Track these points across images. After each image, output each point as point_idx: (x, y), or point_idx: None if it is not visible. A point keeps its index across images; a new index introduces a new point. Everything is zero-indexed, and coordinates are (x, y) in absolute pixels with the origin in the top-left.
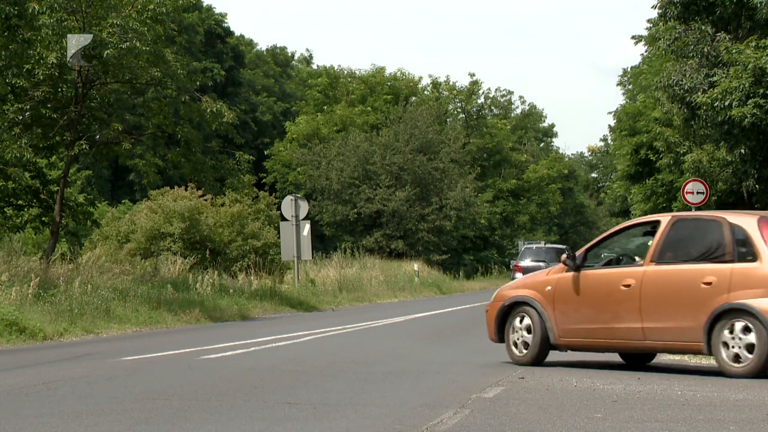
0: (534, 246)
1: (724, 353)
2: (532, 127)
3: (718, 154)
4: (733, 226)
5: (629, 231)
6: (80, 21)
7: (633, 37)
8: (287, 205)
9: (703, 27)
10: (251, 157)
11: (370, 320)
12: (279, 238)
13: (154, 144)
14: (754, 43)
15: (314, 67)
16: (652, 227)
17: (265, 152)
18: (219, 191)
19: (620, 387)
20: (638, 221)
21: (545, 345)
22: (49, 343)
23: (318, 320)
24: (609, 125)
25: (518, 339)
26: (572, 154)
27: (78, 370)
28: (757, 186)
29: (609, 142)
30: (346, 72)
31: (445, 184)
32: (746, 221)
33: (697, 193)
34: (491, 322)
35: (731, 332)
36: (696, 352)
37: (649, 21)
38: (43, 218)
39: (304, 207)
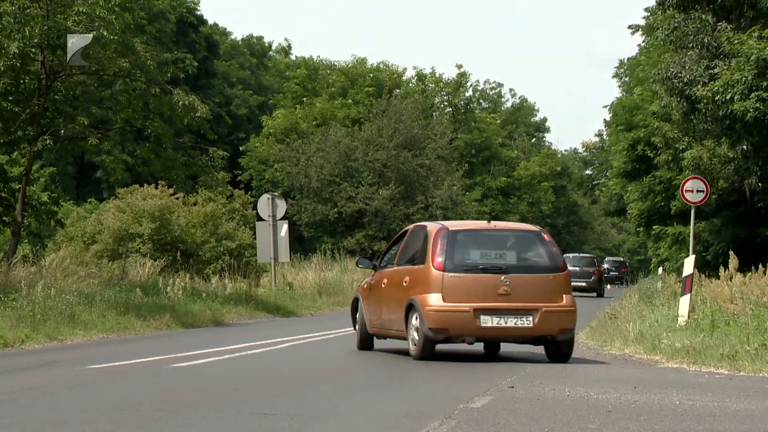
0: (569, 255)
1: (411, 341)
2: (523, 122)
3: (719, 151)
4: (427, 233)
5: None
6: (44, 8)
7: (630, 27)
8: (264, 204)
9: (703, 16)
10: (225, 153)
11: (351, 326)
12: (255, 239)
13: (122, 139)
14: (757, 33)
15: (293, 58)
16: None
17: (241, 148)
18: (191, 189)
19: (615, 396)
20: (408, 228)
21: (366, 333)
22: (9, 351)
23: (296, 326)
24: (604, 119)
25: (356, 328)
26: (565, 150)
27: (40, 378)
28: (759, 184)
29: (604, 137)
30: (326, 63)
31: (431, 181)
32: (433, 228)
33: (697, 191)
34: (351, 313)
35: (414, 322)
36: (404, 339)
37: (646, 9)
38: (4, 218)
39: (282, 206)
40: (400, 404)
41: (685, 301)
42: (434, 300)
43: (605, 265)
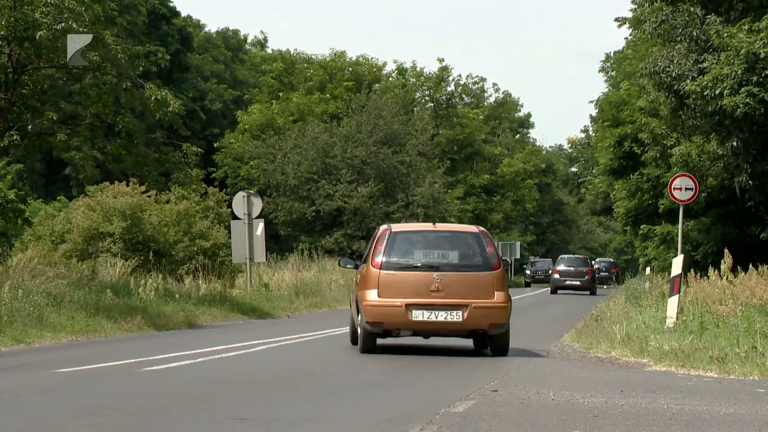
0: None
1: (359, 336)
2: (507, 117)
3: (708, 147)
4: (377, 234)
5: None
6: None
7: (616, 20)
8: (239, 202)
9: (692, 8)
10: (199, 149)
11: (330, 328)
12: (230, 238)
13: (92, 135)
14: (747, 26)
15: (269, 51)
16: None
17: (215, 144)
18: (164, 187)
19: (601, 400)
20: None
21: (354, 329)
22: None
23: (272, 328)
24: (590, 115)
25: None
26: (550, 147)
27: (7, 383)
28: (750, 182)
29: (590, 133)
30: (303, 57)
31: (412, 179)
32: (380, 230)
33: (686, 189)
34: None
35: (358, 317)
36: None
37: (633, 2)
38: None
39: (258, 204)
40: (381, 408)
41: (673, 302)
42: (371, 296)
43: (597, 266)
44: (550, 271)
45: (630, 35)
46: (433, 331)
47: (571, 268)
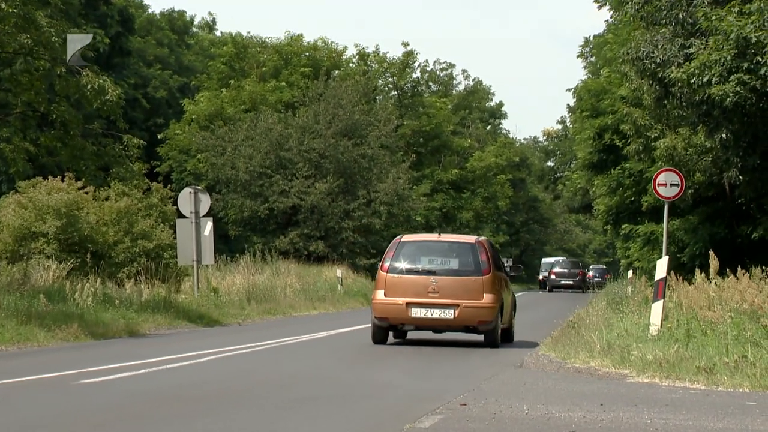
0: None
1: None
2: (477, 107)
3: (695, 140)
4: (390, 243)
5: None
6: None
7: (596, 1)
8: (185, 199)
9: None
10: (142, 141)
11: (285, 336)
12: (175, 238)
13: (23, 125)
14: (736, 9)
15: (218, 34)
16: None
17: (159, 135)
18: (102, 182)
19: (579, 414)
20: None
21: None
22: None
23: (222, 336)
24: (568, 105)
25: None
26: (524, 139)
27: None
28: (740, 177)
29: (567, 124)
30: (256, 40)
31: (374, 174)
32: (394, 239)
33: (671, 185)
34: None
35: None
36: None
37: None
38: None
39: (206, 201)
40: (340, 424)
41: (657, 308)
42: (379, 295)
43: (590, 273)
44: (548, 273)
45: (611, 18)
46: (430, 326)
47: (565, 270)
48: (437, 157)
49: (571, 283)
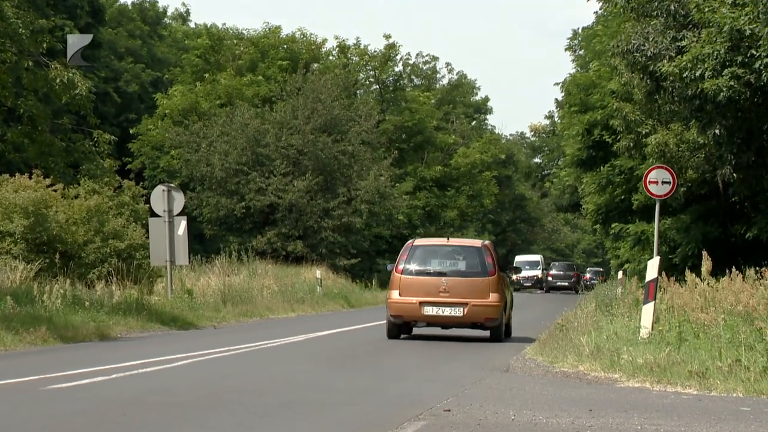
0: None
1: None
2: (462, 102)
3: (687, 136)
4: (405, 245)
5: None
6: None
7: None
8: (158, 197)
9: None
10: (113, 137)
11: (262, 340)
12: (147, 238)
13: None
14: (730, 0)
15: (192, 25)
16: None
17: (131, 131)
18: (72, 179)
19: (567, 421)
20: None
21: None
22: None
23: (196, 340)
24: (556, 99)
25: None
26: (511, 135)
27: None
28: (734, 174)
29: (555, 120)
30: (231, 32)
31: (355, 171)
32: (408, 242)
33: (663, 182)
34: None
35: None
36: None
37: None
38: None
39: (180, 199)
40: None
41: (648, 310)
42: (394, 295)
43: (588, 275)
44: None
45: (600, 9)
46: (441, 323)
47: (561, 273)
48: (420, 154)
49: (566, 284)
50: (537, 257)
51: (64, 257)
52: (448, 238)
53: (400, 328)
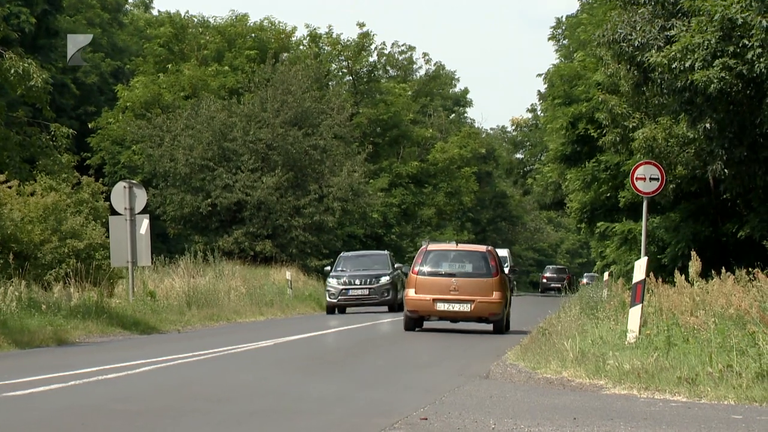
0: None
1: None
2: (440, 94)
3: (676, 130)
4: (420, 250)
5: None
6: None
7: None
8: (119, 194)
9: None
10: (71, 130)
11: (229, 345)
12: (108, 237)
13: None
14: None
15: (154, 13)
16: None
17: (90, 124)
18: (28, 175)
19: (550, 429)
20: None
21: None
22: None
23: (159, 345)
24: (538, 91)
25: None
26: (491, 129)
27: None
28: (725, 170)
29: (538, 113)
30: (196, 20)
31: (327, 167)
32: (422, 247)
33: (651, 179)
34: None
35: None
36: None
37: None
38: None
39: (142, 197)
40: None
41: (635, 313)
42: (411, 293)
43: (584, 280)
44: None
45: None
46: (451, 317)
47: (555, 275)
48: (396, 149)
49: (559, 286)
50: (503, 251)
51: (19, 258)
52: (456, 244)
53: (416, 321)
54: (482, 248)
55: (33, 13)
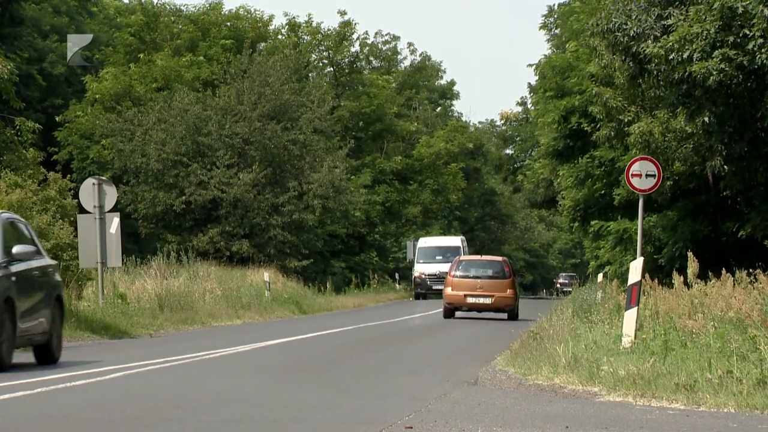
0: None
1: None
2: (425, 86)
3: (674, 124)
4: (454, 260)
5: None
6: None
7: None
8: (88, 191)
9: None
10: (37, 124)
11: (204, 350)
12: (76, 237)
13: None
14: None
15: (125, 0)
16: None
17: (57, 118)
18: None
19: None
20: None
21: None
22: None
23: (131, 350)
24: (529, 83)
25: None
26: (479, 123)
27: None
28: (725, 167)
29: (529, 106)
30: (169, 8)
31: (307, 162)
32: (456, 258)
33: (647, 175)
34: None
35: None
36: None
37: None
38: None
39: (112, 194)
40: None
41: (631, 317)
42: (449, 290)
43: (560, 279)
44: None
45: None
46: (477, 308)
47: (567, 281)
48: (379, 144)
49: (570, 290)
50: (455, 240)
51: None
52: (481, 255)
53: (452, 312)
54: (499, 258)
55: None
